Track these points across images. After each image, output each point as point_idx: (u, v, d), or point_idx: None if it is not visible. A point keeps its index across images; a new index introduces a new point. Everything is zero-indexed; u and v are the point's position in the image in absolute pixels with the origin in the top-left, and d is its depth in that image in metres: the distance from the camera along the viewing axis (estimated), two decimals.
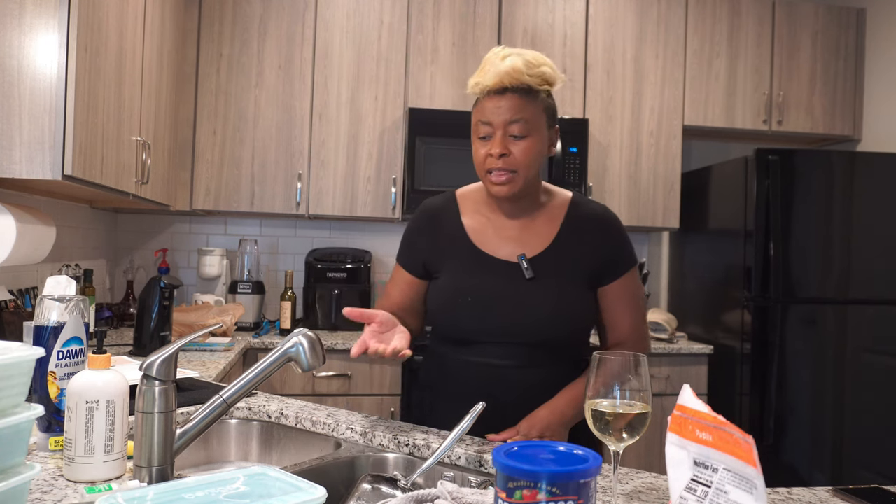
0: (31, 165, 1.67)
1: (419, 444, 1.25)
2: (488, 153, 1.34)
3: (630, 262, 1.44)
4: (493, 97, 1.33)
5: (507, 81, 1.31)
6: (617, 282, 1.42)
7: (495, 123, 1.33)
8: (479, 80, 1.34)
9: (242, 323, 3.12)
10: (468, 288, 1.38)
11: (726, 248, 3.22)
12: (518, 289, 1.37)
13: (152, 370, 0.97)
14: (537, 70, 1.33)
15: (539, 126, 1.35)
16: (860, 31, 3.60)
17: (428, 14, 3.25)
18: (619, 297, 1.42)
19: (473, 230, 1.43)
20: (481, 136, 1.35)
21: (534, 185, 1.41)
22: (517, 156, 1.33)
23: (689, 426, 0.79)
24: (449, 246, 1.44)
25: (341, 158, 3.20)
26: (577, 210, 1.44)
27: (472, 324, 1.38)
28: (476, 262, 1.41)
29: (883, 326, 3.06)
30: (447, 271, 1.43)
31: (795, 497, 1.09)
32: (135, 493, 0.77)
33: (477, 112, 1.37)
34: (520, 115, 1.32)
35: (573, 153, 3.22)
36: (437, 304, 1.44)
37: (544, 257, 1.39)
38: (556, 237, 1.41)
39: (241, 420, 1.45)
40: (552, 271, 1.38)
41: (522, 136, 1.33)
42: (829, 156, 3.10)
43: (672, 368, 3.10)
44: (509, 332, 1.37)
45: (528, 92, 1.33)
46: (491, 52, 1.36)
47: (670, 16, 3.44)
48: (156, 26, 2.51)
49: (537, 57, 1.34)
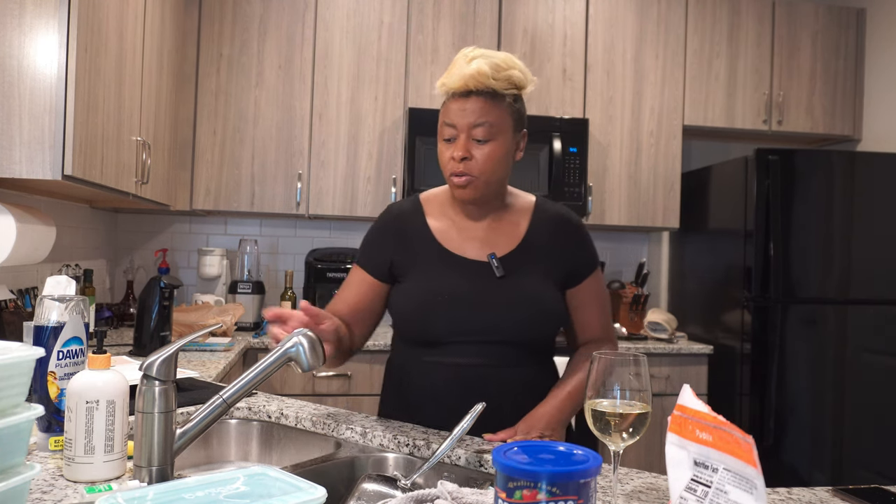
0: (31, 165, 1.67)
1: (419, 444, 1.25)
2: (451, 156, 1.34)
3: (595, 263, 1.47)
4: (458, 100, 1.32)
5: (471, 85, 1.31)
6: (585, 282, 1.45)
7: (459, 126, 1.32)
8: (445, 81, 1.33)
9: (242, 323, 3.12)
10: (439, 288, 1.37)
11: (726, 248, 3.22)
12: (490, 287, 1.37)
13: (152, 370, 0.97)
14: (504, 74, 1.32)
15: (504, 130, 1.34)
16: (860, 31, 3.60)
17: (428, 14, 3.25)
18: (588, 298, 1.45)
19: (440, 231, 1.43)
20: (446, 139, 1.35)
21: (499, 189, 1.41)
22: (479, 160, 1.33)
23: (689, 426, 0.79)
24: (416, 248, 1.43)
25: (341, 158, 3.20)
26: (543, 211, 1.46)
27: (444, 325, 1.36)
28: (445, 262, 1.40)
29: (883, 326, 3.06)
30: (415, 273, 1.41)
31: (795, 497, 1.09)
32: (135, 493, 0.77)
33: (443, 113, 1.37)
34: (483, 119, 1.32)
35: (573, 153, 3.22)
36: (406, 308, 1.40)
37: (514, 256, 1.39)
38: (524, 236, 1.42)
39: (241, 420, 1.45)
40: (522, 269, 1.38)
41: (485, 141, 1.33)
42: (829, 156, 3.10)
43: (672, 368, 3.10)
44: (483, 332, 1.36)
45: (493, 96, 1.32)
46: (460, 52, 1.35)
47: (670, 16, 3.44)
48: (156, 26, 2.51)
49: (507, 60, 1.33)
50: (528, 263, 1.39)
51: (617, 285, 3.50)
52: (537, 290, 1.38)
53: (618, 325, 3.30)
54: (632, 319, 3.39)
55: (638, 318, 3.38)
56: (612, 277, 3.68)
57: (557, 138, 3.19)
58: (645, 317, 3.34)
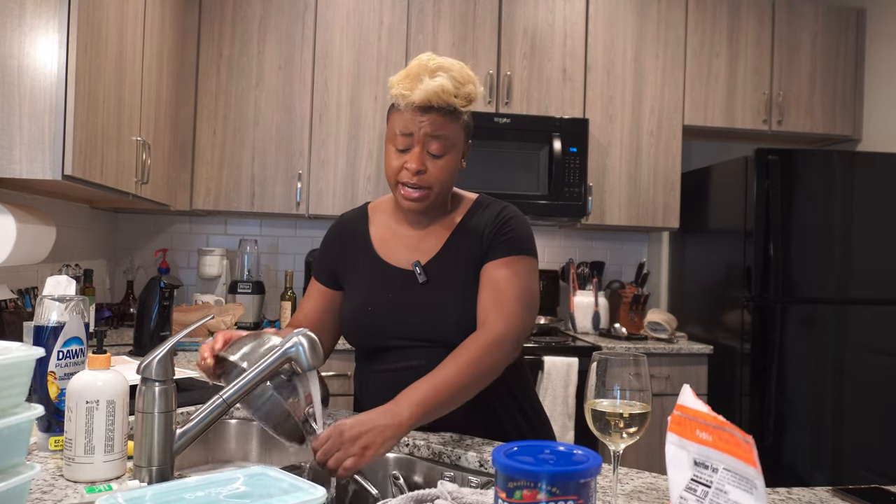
0: (31, 165, 1.67)
1: (419, 444, 1.25)
2: (404, 166, 1.33)
3: (512, 249, 1.36)
4: (417, 112, 1.30)
5: (434, 101, 1.29)
6: (491, 263, 1.35)
7: (416, 137, 1.31)
8: (406, 92, 1.29)
9: (242, 323, 3.12)
10: (368, 298, 1.39)
11: (726, 248, 3.22)
12: (414, 294, 1.37)
13: (150, 372, 0.97)
14: (464, 90, 1.31)
15: (457, 144, 1.36)
16: (860, 31, 3.60)
17: (428, 14, 3.25)
18: (487, 278, 1.34)
19: (378, 240, 1.45)
20: (399, 148, 1.33)
21: (444, 198, 1.42)
22: (433, 173, 1.33)
23: (689, 426, 0.79)
24: (355, 257, 1.45)
25: (341, 158, 3.20)
26: (477, 211, 1.44)
27: (376, 332, 1.38)
28: (377, 271, 1.42)
29: (883, 326, 3.06)
30: (351, 282, 1.44)
31: (795, 497, 1.09)
32: (135, 493, 0.77)
33: (395, 121, 1.33)
34: (441, 133, 1.31)
35: (573, 153, 3.22)
36: (345, 316, 1.44)
37: (436, 261, 1.39)
38: (447, 240, 1.41)
39: (241, 420, 1.45)
40: (443, 273, 1.38)
41: (441, 155, 1.33)
42: (829, 156, 3.10)
43: (672, 368, 3.10)
44: (412, 338, 1.36)
45: (451, 112, 1.32)
46: (418, 60, 1.33)
47: (670, 16, 3.44)
48: (156, 26, 2.51)
49: (463, 73, 1.32)
50: (448, 266, 1.38)
51: (617, 285, 3.50)
52: (458, 292, 1.36)
53: (618, 325, 3.30)
54: (632, 319, 3.39)
55: (638, 318, 3.38)
56: (612, 277, 3.68)
57: (557, 138, 3.19)
58: (645, 317, 3.34)
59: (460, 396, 1.21)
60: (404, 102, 1.30)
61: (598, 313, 3.39)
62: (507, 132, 3.18)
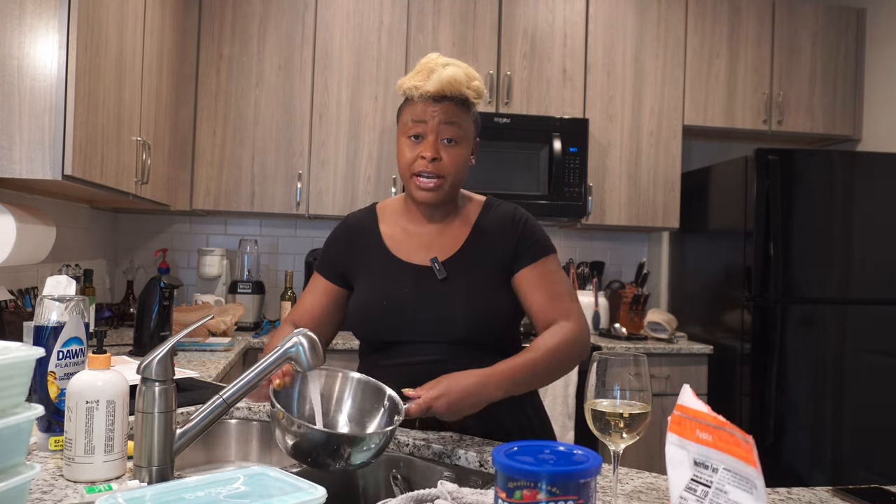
0: (31, 165, 1.67)
1: (419, 444, 1.25)
2: (419, 155, 1.35)
3: (541, 251, 1.43)
4: (430, 103, 1.35)
5: (447, 90, 1.34)
6: (526, 269, 1.41)
7: (430, 126, 1.35)
8: (419, 83, 1.34)
9: (242, 323, 3.12)
10: (383, 293, 1.40)
11: (726, 249, 3.22)
12: (432, 290, 1.38)
13: (150, 372, 0.97)
14: (474, 84, 1.37)
15: (469, 136, 1.39)
16: (860, 31, 3.60)
17: (428, 14, 3.25)
18: (532, 284, 1.40)
19: (390, 238, 1.46)
20: (413, 136, 1.36)
21: (456, 193, 1.44)
22: (447, 161, 1.36)
23: (689, 426, 0.79)
24: (366, 255, 1.46)
25: (341, 158, 3.20)
26: (489, 211, 1.47)
27: (390, 327, 1.39)
28: (391, 268, 1.43)
29: (883, 326, 3.06)
30: (363, 279, 1.45)
31: (795, 497, 1.09)
32: (135, 493, 0.77)
33: (409, 111, 1.37)
34: (454, 119, 1.36)
35: (573, 153, 3.22)
36: (353, 312, 1.45)
37: (456, 258, 1.41)
38: (467, 238, 1.43)
39: (241, 420, 1.45)
40: (464, 271, 1.40)
41: (455, 143, 1.36)
42: (829, 156, 3.10)
43: (672, 368, 3.10)
44: (427, 333, 1.37)
45: (463, 102, 1.37)
46: (428, 58, 1.38)
47: (670, 16, 3.44)
48: (156, 26, 2.51)
49: (469, 71, 1.38)
50: (470, 264, 1.41)
51: (617, 285, 3.50)
52: (477, 289, 1.38)
53: (618, 325, 3.30)
54: (632, 319, 3.39)
55: (638, 318, 3.38)
56: (612, 277, 3.68)
57: (557, 138, 3.19)
58: (645, 317, 3.34)
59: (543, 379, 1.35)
60: (418, 93, 1.34)
61: (598, 313, 3.39)
62: (507, 132, 3.18)
